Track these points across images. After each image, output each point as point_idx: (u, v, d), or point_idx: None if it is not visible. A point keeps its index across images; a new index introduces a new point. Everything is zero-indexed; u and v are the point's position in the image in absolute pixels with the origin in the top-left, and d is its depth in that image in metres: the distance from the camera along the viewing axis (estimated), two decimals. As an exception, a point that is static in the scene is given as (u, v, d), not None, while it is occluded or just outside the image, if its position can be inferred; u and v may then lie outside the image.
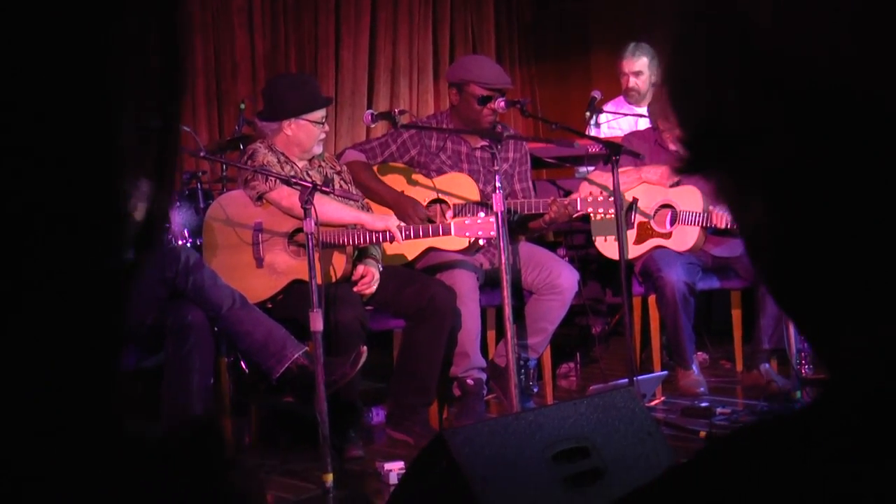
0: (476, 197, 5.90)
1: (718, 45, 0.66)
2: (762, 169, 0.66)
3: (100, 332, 0.58)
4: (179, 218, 6.21)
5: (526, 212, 5.88)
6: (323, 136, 5.56)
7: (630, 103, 7.51)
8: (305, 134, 5.46)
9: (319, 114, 5.49)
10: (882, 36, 0.60)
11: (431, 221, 5.66)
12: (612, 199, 5.56)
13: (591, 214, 5.81)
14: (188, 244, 5.91)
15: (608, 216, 5.70)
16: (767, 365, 6.02)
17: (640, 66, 7.38)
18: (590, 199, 5.71)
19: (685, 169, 0.70)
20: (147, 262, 0.60)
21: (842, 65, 0.60)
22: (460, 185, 5.95)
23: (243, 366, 5.50)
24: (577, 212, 5.75)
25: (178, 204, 6.27)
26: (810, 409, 0.66)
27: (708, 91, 0.68)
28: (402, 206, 5.72)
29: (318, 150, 5.56)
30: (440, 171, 5.99)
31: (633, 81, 7.42)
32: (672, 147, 5.90)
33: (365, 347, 4.95)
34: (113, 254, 0.58)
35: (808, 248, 0.66)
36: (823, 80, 0.61)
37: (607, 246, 6.30)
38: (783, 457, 0.63)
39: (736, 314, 6.48)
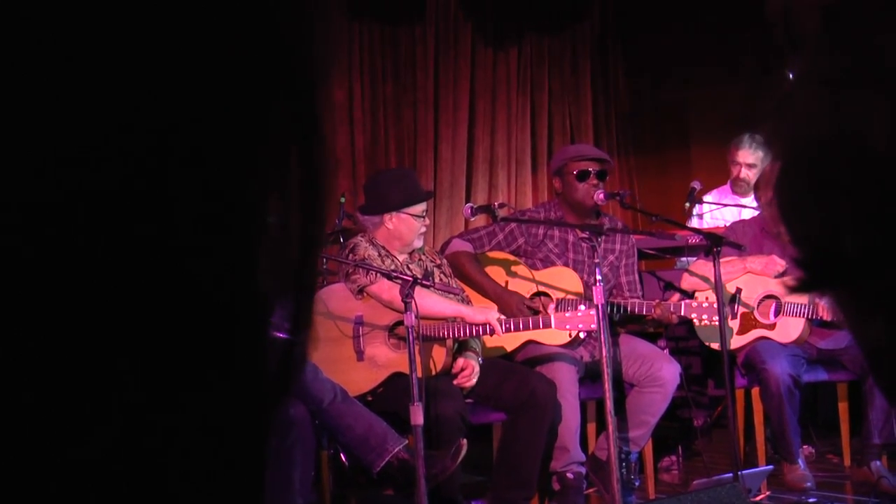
0: (579, 289, 5.89)
1: (833, 167, 0.65)
2: (883, 291, 0.65)
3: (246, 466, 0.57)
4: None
5: (630, 312, 5.86)
6: (423, 229, 5.60)
7: (736, 194, 7.46)
8: (406, 227, 5.51)
9: (420, 207, 5.54)
10: None
11: (536, 313, 5.65)
12: (715, 305, 5.50)
13: (696, 320, 5.76)
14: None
15: (712, 323, 5.63)
16: (878, 462, 5.88)
17: (755, 160, 7.32)
18: (694, 304, 5.67)
19: (801, 289, 0.69)
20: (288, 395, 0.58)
21: None
22: (563, 278, 5.95)
23: (343, 459, 5.49)
24: (682, 316, 5.72)
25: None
26: None
27: (822, 213, 0.66)
28: (505, 301, 5.73)
29: (418, 243, 5.60)
30: (547, 260, 5.99)
31: (744, 172, 7.36)
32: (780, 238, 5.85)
33: (465, 440, 4.94)
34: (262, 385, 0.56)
35: None
36: None
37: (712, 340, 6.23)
38: None
39: (843, 407, 6.35)
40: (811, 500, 5.55)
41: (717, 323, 5.50)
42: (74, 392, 0.48)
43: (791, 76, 0.70)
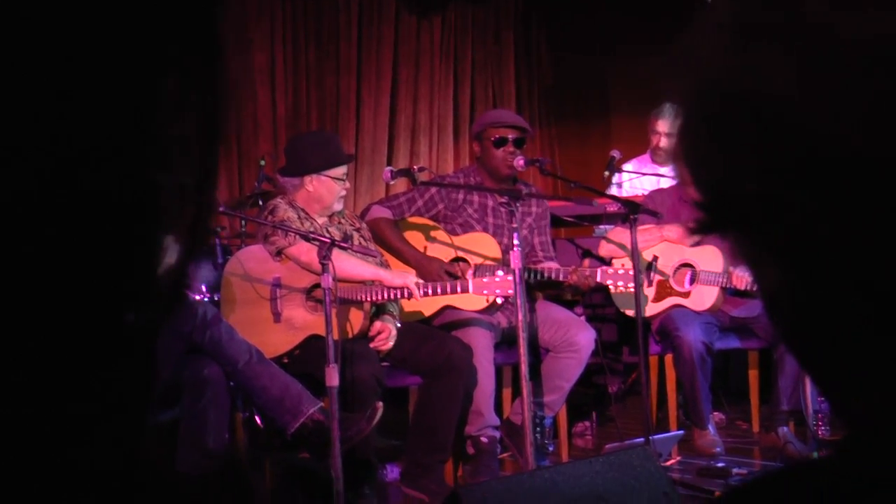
0: (497, 255, 5.91)
1: (733, 114, 0.66)
2: (780, 233, 0.66)
3: (124, 388, 0.58)
4: (197, 273, 6.22)
5: (546, 278, 5.89)
6: (344, 192, 5.59)
7: (656, 163, 7.51)
8: (326, 190, 5.50)
9: (341, 170, 5.53)
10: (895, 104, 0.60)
11: (455, 278, 5.67)
12: (631, 272, 5.55)
13: (611, 287, 5.80)
14: (206, 299, 5.92)
15: (628, 289, 5.68)
16: (786, 427, 5.98)
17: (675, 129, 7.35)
18: (610, 270, 5.71)
19: (701, 230, 0.71)
20: (169, 318, 0.61)
21: (860, 134, 0.61)
22: (482, 243, 5.97)
23: (259, 421, 5.49)
24: (598, 283, 5.76)
25: (195, 258, 6.27)
26: (824, 463, 0.67)
27: (724, 157, 0.68)
28: (424, 267, 5.74)
29: (338, 206, 5.59)
30: (466, 225, 6.01)
31: (664, 142, 7.40)
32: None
33: (381, 403, 4.94)
34: (142, 309, 0.59)
35: (828, 312, 0.67)
36: (844, 149, 0.61)
37: (627, 307, 6.29)
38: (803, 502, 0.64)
39: (753, 375, 6.45)
40: (720, 464, 5.63)
41: (632, 290, 5.55)
42: None
43: (697, 23, 0.70)
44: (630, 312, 6.15)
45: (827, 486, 0.63)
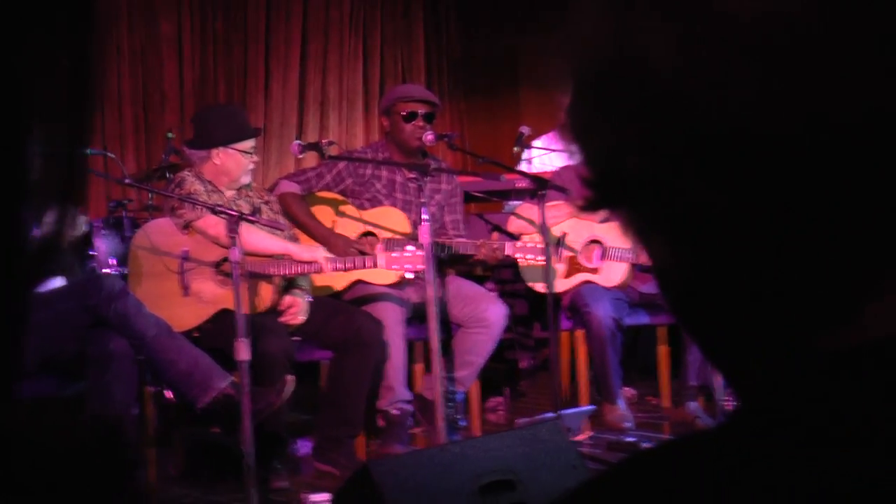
0: (406, 230, 5.90)
1: (615, 88, 0.66)
2: (665, 208, 0.66)
3: None
4: (104, 246, 6.14)
5: (456, 252, 5.89)
6: (251, 166, 5.54)
7: (564, 140, 7.54)
8: (234, 163, 5.45)
9: (248, 144, 5.48)
10: (785, 81, 0.60)
11: (363, 254, 5.64)
12: (540, 245, 5.58)
13: (520, 259, 5.82)
14: (113, 272, 5.84)
15: (537, 262, 5.70)
16: (695, 402, 6.05)
17: None
18: (519, 244, 5.73)
19: (588, 207, 0.71)
20: (39, 286, 0.59)
21: (741, 109, 0.61)
22: (391, 217, 5.96)
23: (168, 395, 5.42)
24: (506, 256, 5.77)
25: (103, 232, 6.20)
26: (715, 432, 0.67)
27: (608, 131, 0.67)
28: (332, 243, 5.70)
29: (246, 179, 5.54)
30: (374, 200, 5.99)
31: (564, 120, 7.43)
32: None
33: (291, 377, 4.91)
34: (9, 278, 0.57)
35: (713, 286, 0.68)
36: (724, 125, 0.62)
37: (537, 283, 6.31)
38: (687, 471, 0.65)
39: (663, 350, 6.51)
40: (630, 439, 5.68)
41: (541, 262, 5.57)
42: None
43: None
44: (540, 288, 6.17)
45: (712, 456, 0.64)
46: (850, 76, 0.59)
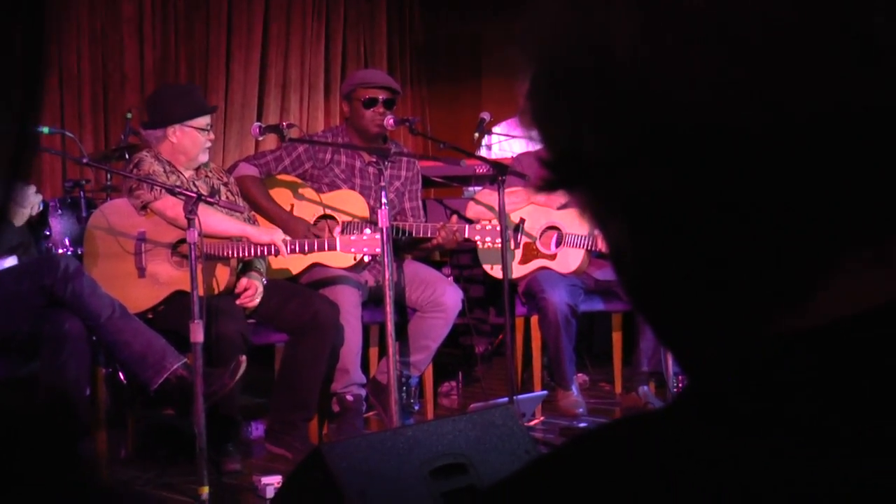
0: (365, 214, 5.90)
1: (577, 73, 0.67)
2: (620, 192, 0.67)
3: None
4: (60, 226, 6.11)
5: (415, 234, 5.90)
6: (209, 144, 5.53)
7: (524, 126, 7.53)
8: (191, 141, 5.43)
9: (204, 120, 5.46)
10: (737, 70, 0.61)
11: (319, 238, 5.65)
12: (499, 228, 5.59)
13: (479, 243, 5.83)
14: (68, 252, 5.82)
15: (495, 246, 5.72)
16: (646, 387, 6.10)
17: None
18: (478, 227, 5.74)
19: (545, 187, 0.72)
20: None
21: (697, 97, 0.62)
22: (349, 201, 5.96)
23: (121, 377, 5.41)
24: (465, 238, 5.79)
25: (59, 211, 6.17)
26: (661, 413, 0.68)
27: (567, 116, 0.68)
28: (291, 227, 5.69)
29: (203, 158, 5.52)
30: (333, 185, 5.99)
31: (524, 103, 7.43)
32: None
33: (244, 357, 4.90)
34: None
35: (665, 269, 0.69)
36: (679, 113, 0.63)
37: (494, 268, 6.34)
38: (630, 450, 0.65)
39: (617, 337, 6.55)
40: (582, 424, 5.73)
41: (499, 246, 5.59)
42: None
43: None
44: (497, 273, 6.19)
45: (655, 436, 0.65)
46: (809, 67, 0.60)
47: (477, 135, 7.34)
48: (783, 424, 0.61)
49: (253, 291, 5.37)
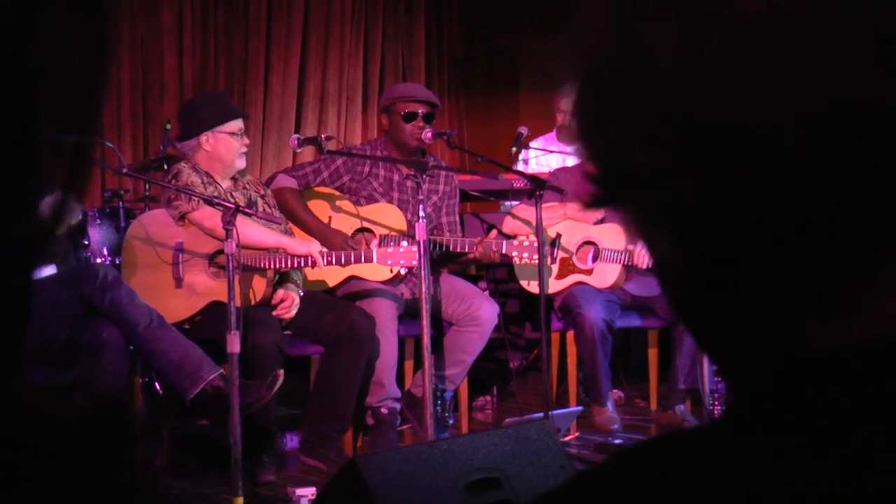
0: (402, 227, 5.91)
1: (621, 87, 0.67)
2: (667, 205, 0.67)
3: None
4: (98, 235, 6.15)
5: (452, 249, 5.90)
6: (244, 149, 5.53)
7: (561, 141, 7.54)
8: (224, 147, 5.45)
9: (235, 125, 5.48)
10: (780, 82, 0.61)
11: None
12: (536, 244, 5.59)
13: (516, 258, 5.83)
14: (107, 262, 5.85)
15: (532, 262, 5.72)
16: (682, 406, 6.07)
17: None
18: (515, 242, 5.74)
19: (594, 203, 0.72)
20: (38, 270, 0.59)
21: (739, 108, 0.62)
22: (387, 214, 5.96)
23: (157, 387, 5.44)
24: (503, 254, 5.79)
25: (98, 221, 6.21)
26: (706, 429, 0.68)
27: (612, 130, 0.68)
28: (328, 239, 5.70)
29: (240, 164, 5.53)
30: (371, 198, 6.00)
31: (569, 119, 7.39)
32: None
33: (281, 371, 4.92)
34: (16, 268, 0.57)
35: (711, 282, 0.68)
36: (722, 122, 0.63)
37: (530, 283, 6.33)
38: (675, 467, 0.65)
39: (653, 353, 6.52)
40: (617, 440, 5.70)
41: (536, 261, 5.59)
42: None
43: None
44: (533, 288, 6.18)
45: (701, 453, 0.65)
46: (847, 73, 0.60)
47: (514, 149, 7.34)
48: (828, 442, 0.60)
49: (289, 303, 5.38)
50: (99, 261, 5.93)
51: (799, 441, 0.61)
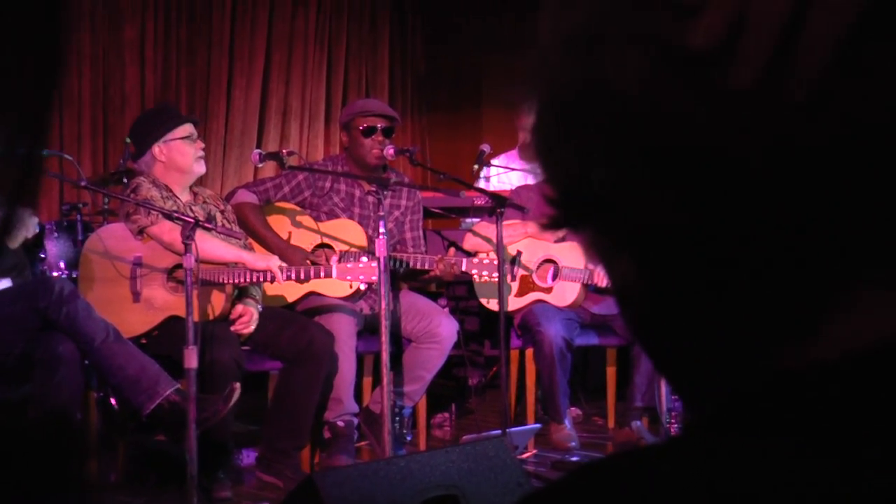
0: (363, 243, 5.90)
1: (581, 108, 0.67)
2: (628, 228, 0.67)
3: None
4: (55, 249, 6.11)
5: (413, 266, 5.90)
6: (200, 153, 5.50)
7: (524, 159, 7.57)
8: (178, 153, 5.43)
9: (184, 129, 5.46)
10: (743, 101, 0.61)
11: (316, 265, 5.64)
12: (496, 262, 5.59)
13: (476, 276, 5.84)
14: (63, 275, 5.82)
15: (492, 279, 5.73)
16: (639, 422, 6.08)
17: None
18: (475, 260, 5.75)
19: (551, 225, 0.72)
20: None
21: (703, 129, 0.62)
22: (347, 230, 5.96)
23: (113, 402, 5.40)
24: (463, 272, 5.79)
25: (55, 234, 6.17)
26: (661, 447, 0.67)
27: (573, 151, 0.68)
28: (288, 255, 5.68)
29: (199, 168, 5.50)
30: (332, 214, 5.99)
31: (529, 139, 7.42)
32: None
33: (238, 384, 4.90)
34: None
35: (673, 303, 0.68)
36: (683, 144, 0.63)
37: (490, 301, 6.34)
38: (630, 485, 0.65)
39: (611, 371, 6.54)
40: (574, 458, 5.71)
41: (496, 279, 5.59)
42: None
43: (545, 26, 0.71)
44: (492, 306, 6.19)
45: (655, 471, 0.64)
46: (814, 99, 0.60)
47: (476, 166, 7.36)
48: (798, 461, 0.60)
49: (248, 318, 5.36)
50: (56, 274, 5.89)
51: (757, 460, 0.61)
